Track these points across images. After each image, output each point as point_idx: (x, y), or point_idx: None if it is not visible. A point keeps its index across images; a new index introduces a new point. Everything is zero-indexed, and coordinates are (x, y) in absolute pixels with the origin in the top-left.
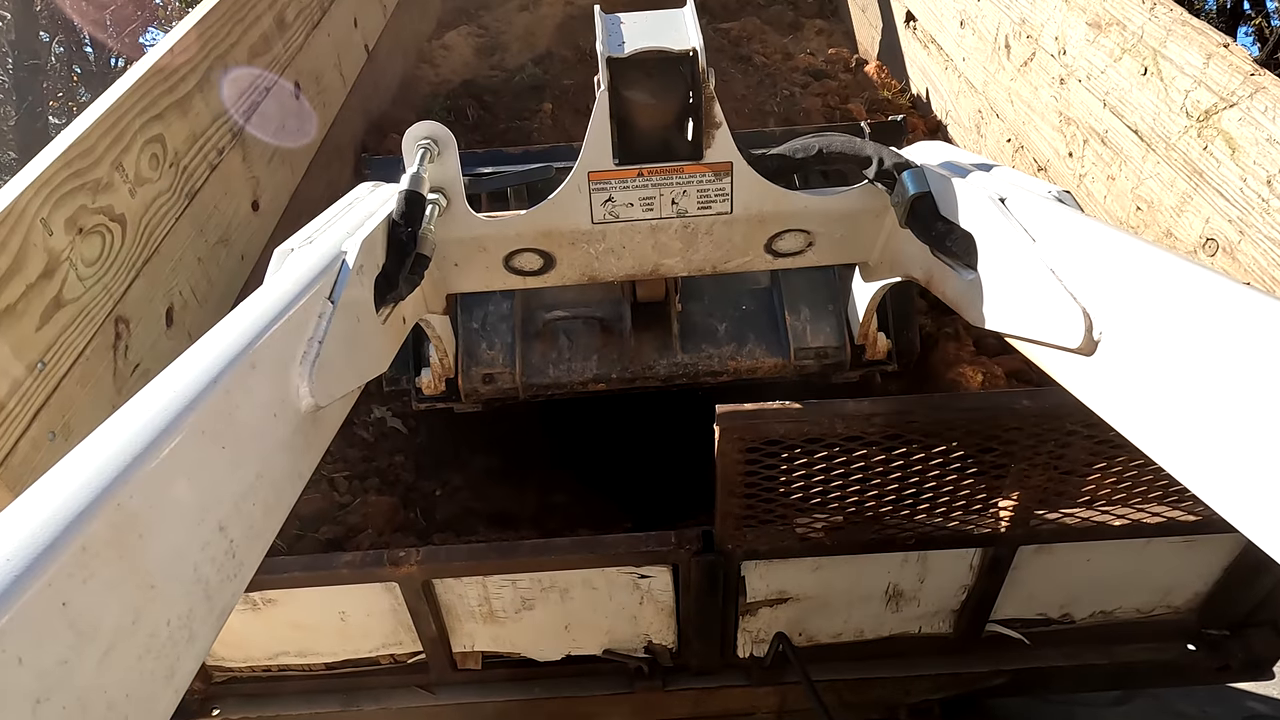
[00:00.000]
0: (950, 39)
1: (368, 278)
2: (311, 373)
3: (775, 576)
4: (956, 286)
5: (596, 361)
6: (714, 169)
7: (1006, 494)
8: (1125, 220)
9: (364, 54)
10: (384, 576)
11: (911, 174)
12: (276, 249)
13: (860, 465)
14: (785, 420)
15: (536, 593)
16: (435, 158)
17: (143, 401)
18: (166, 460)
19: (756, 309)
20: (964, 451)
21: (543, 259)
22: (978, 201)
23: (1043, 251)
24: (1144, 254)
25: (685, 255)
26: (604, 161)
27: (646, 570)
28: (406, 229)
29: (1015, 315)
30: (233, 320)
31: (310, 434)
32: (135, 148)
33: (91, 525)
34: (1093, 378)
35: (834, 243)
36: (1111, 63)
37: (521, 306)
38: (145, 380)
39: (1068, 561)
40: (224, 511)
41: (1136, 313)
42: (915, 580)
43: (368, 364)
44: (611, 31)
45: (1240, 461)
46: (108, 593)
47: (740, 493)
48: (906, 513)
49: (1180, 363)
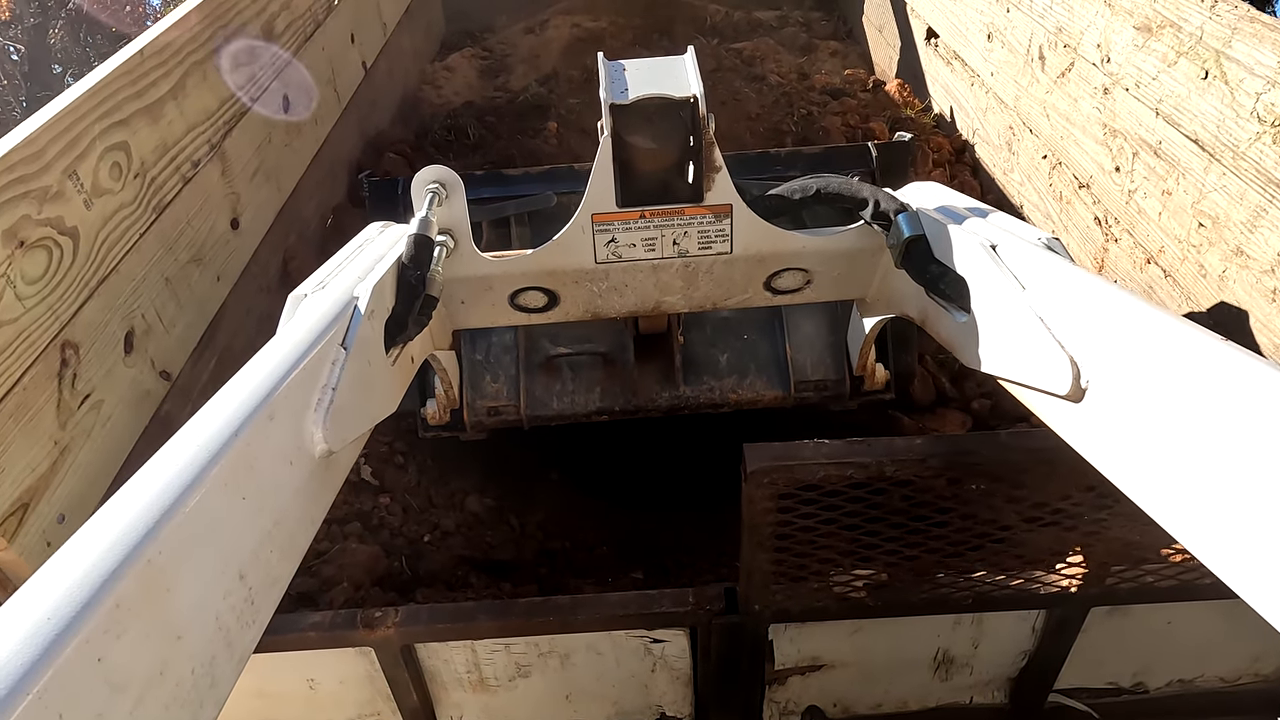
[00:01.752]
0: (976, 54)
1: (378, 321)
2: (325, 419)
3: (808, 640)
4: (950, 328)
5: (599, 394)
6: (714, 210)
7: (1081, 547)
8: (1186, 239)
9: (361, 71)
10: (357, 641)
11: (906, 217)
12: (290, 294)
13: (912, 514)
14: (826, 463)
15: (533, 658)
16: (443, 201)
17: (168, 456)
18: (192, 515)
19: (758, 340)
20: (1034, 498)
21: (547, 297)
22: (969, 247)
23: (1032, 299)
24: (1130, 306)
25: (686, 293)
26: (607, 204)
27: (660, 634)
28: (415, 272)
29: (1006, 359)
30: (250, 371)
31: (324, 478)
32: (93, 155)
33: (124, 582)
34: (1081, 424)
35: (832, 280)
36: (1165, 68)
37: (524, 339)
38: (96, 413)
39: (1145, 624)
40: (244, 560)
41: (1122, 362)
42: (968, 645)
43: (378, 406)
44: (615, 79)
45: (1222, 510)
46: (139, 646)
47: (771, 546)
48: (963, 568)
49: (1163, 413)
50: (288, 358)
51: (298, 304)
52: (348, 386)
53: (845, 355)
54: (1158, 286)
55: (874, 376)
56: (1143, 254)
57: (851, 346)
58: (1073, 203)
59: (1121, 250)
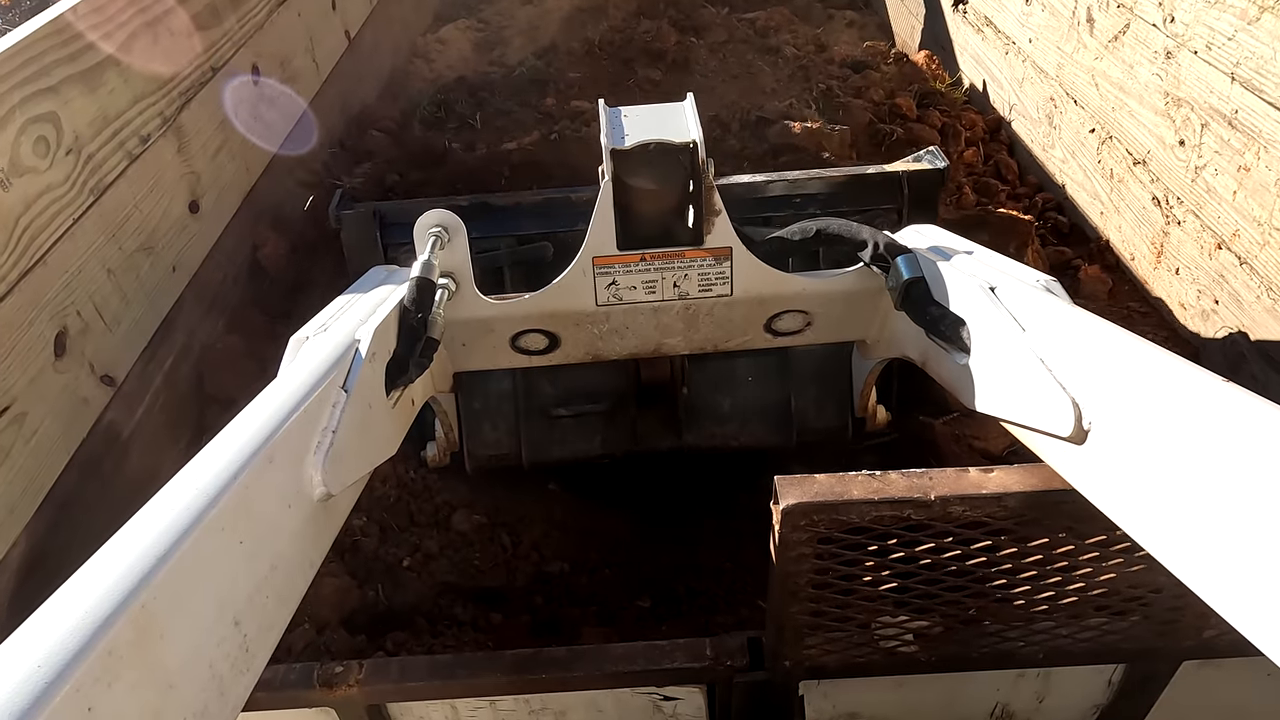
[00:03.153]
0: (1012, 19)
1: (379, 364)
2: (325, 462)
3: (844, 696)
4: (950, 369)
5: (600, 441)
6: (714, 253)
7: (1180, 594)
8: (1267, 221)
9: (344, 40)
10: (314, 701)
11: (905, 260)
12: (292, 337)
13: (978, 559)
14: (879, 501)
15: (523, 715)
16: (445, 244)
17: (166, 500)
18: (188, 560)
19: (762, 386)
20: (1126, 540)
21: (548, 339)
22: (969, 290)
23: (1032, 341)
24: (1131, 347)
25: (687, 335)
26: (608, 247)
27: (671, 691)
28: (417, 315)
29: (1007, 401)
30: (251, 413)
31: (322, 522)
32: (11, 127)
33: (117, 629)
34: (1084, 465)
35: (832, 322)
36: (1244, 26)
37: (523, 386)
38: (17, 427)
39: (1240, 677)
40: (239, 606)
41: (1124, 404)
42: (1032, 700)
43: (378, 449)
44: (614, 125)
45: (1228, 554)
46: (130, 695)
47: (806, 596)
48: (1035, 618)
49: (1167, 454)
50: (289, 400)
51: (299, 346)
52: (348, 429)
53: (849, 400)
54: (1230, 275)
55: (875, 418)
56: (1212, 238)
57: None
58: (1126, 181)
59: (1185, 234)
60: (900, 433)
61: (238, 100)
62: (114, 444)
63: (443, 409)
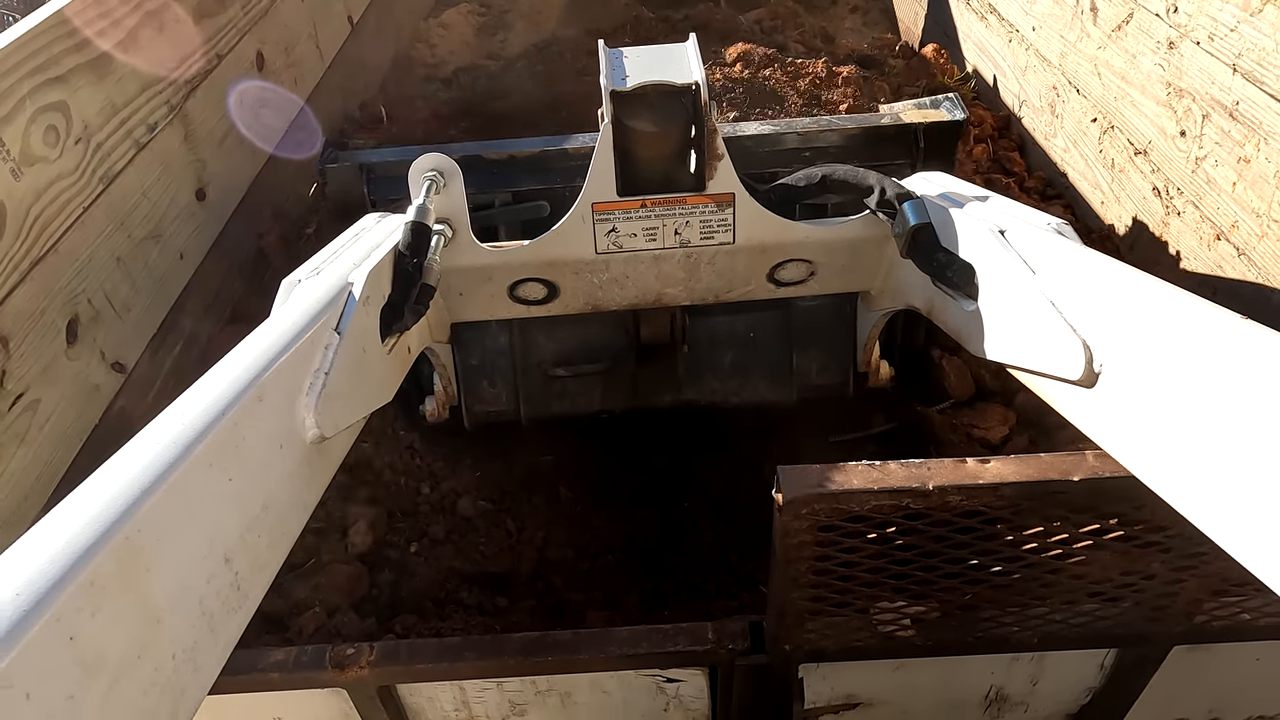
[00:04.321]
0: (1016, 7)
1: (374, 308)
2: (318, 404)
3: (842, 678)
4: (957, 317)
5: (600, 396)
6: (716, 200)
7: (1172, 581)
8: (1266, 213)
9: (347, 26)
10: (326, 682)
11: (912, 205)
12: (284, 280)
13: (974, 547)
14: (878, 491)
15: (530, 696)
16: (441, 189)
17: (151, 434)
18: (174, 493)
19: (764, 340)
20: (1124, 530)
21: (547, 288)
22: (978, 233)
23: (1043, 283)
24: (1144, 286)
25: (688, 284)
26: (608, 193)
27: (674, 673)
28: (412, 260)
29: (1016, 346)
30: (240, 352)
31: (316, 464)
32: (22, 117)
33: (99, 559)
34: (1094, 409)
35: (836, 272)
36: (1247, 17)
37: (520, 341)
38: (31, 414)
39: (1230, 660)
40: (230, 543)
41: (1136, 345)
42: (1025, 683)
43: (373, 394)
44: (615, 66)
45: (1239, 493)
46: (114, 627)
47: (807, 582)
48: (1031, 604)
49: (1180, 395)
50: (279, 340)
51: (291, 289)
52: (341, 372)
53: (852, 356)
54: (1228, 266)
55: (878, 374)
56: (1211, 229)
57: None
58: (1127, 171)
59: (1185, 224)
60: (899, 423)
61: (243, 88)
62: (125, 430)
63: (441, 362)
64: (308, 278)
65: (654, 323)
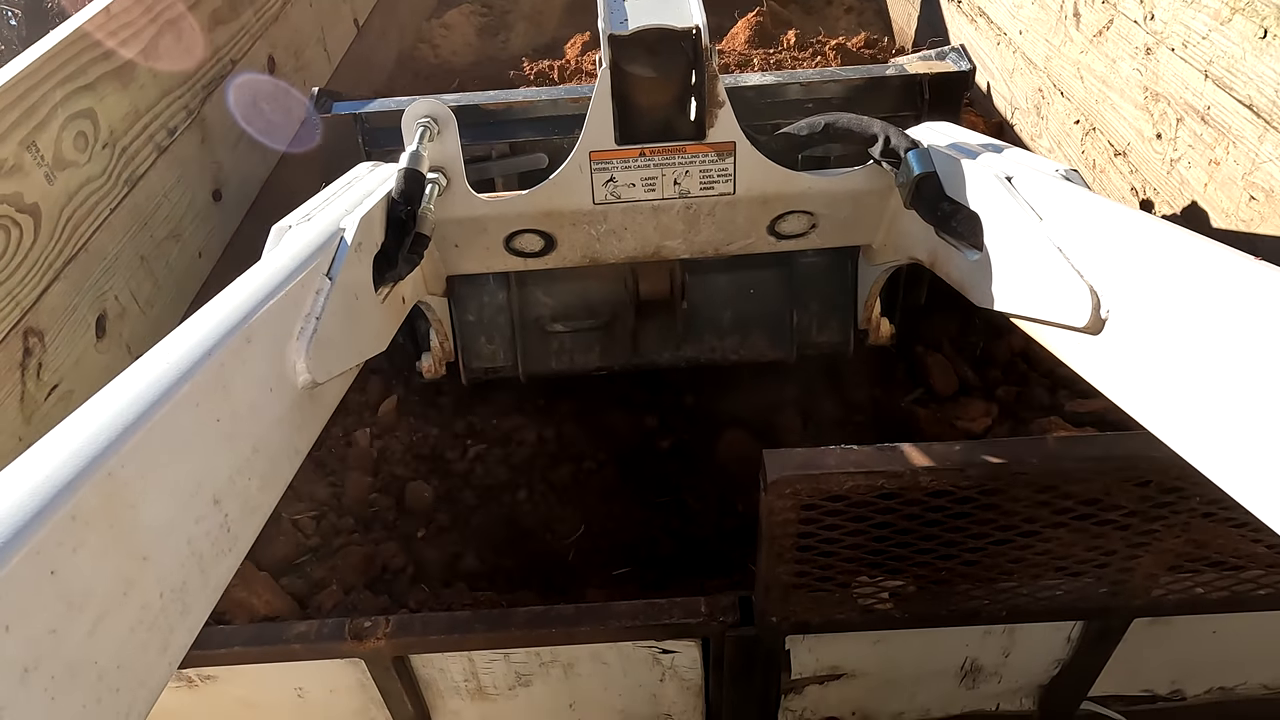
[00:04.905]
0: (1004, 10)
1: (366, 256)
2: (308, 349)
3: (827, 650)
4: (961, 267)
5: (599, 353)
6: (717, 149)
7: (1129, 558)
8: (1234, 212)
9: (353, 29)
10: (345, 652)
11: (917, 154)
12: (274, 226)
13: (945, 525)
14: (855, 472)
15: (535, 667)
16: (435, 136)
17: (135, 373)
18: (159, 431)
19: (764, 296)
20: (1081, 509)
21: (544, 240)
22: (984, 180)
23: (1050, 229)
24: (1153, 231)
25: (687, 237)
26: (605, 141)
27: (669, 645)
28: (405, 208)
29: (1021, 295)
30: (228, 295)
31: (307, 410)
32: (54, 124)
33: (81, 494)
34: (1099, 357)
35: (838, 224)
36: (1217, 26)
37: (518, 297)
38: (65, 404)
39: (1189, 633)
40: (219, 485)
41: (1145, 290)
42: (998, 654)
43: (366, 342)
44: (614, 9)
45: (1248, 440)
46: (98, 562)
47: (791, 558)
48: (999, 579)
49: (1189, 340)
50: (268, 283)
51: (281, 235)
52: (333, 318)
53: (852, 314)
54: None
55: (879, 331)
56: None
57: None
58: (1107, 171)
59: None
60: (886, 419)
61: (256, 91)
62: None
63: (437, 317)
64: (299, 223)
65: (653, 278)
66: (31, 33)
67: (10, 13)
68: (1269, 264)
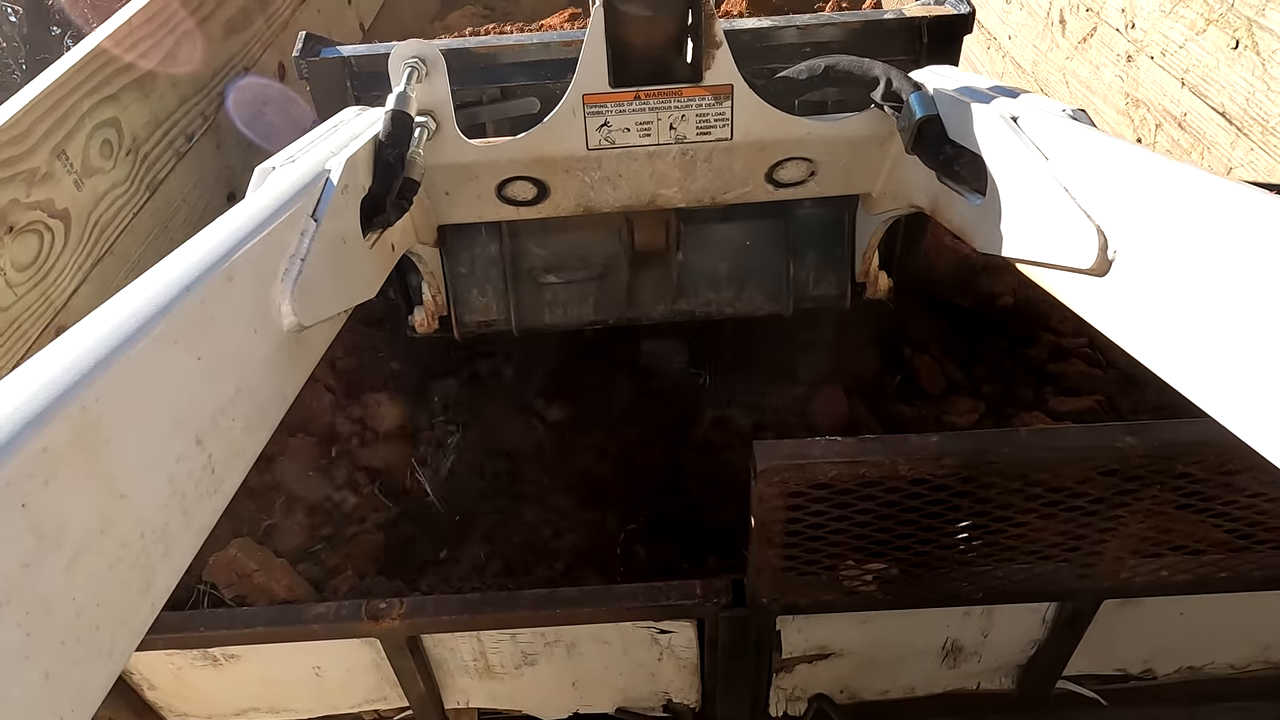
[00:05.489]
0: (994, 15)
1: (353, 199)
2: (293, 290)
3: (815, 631)
4: (963, 213)
5: (593, 306)
6: (714, 92)
7: (1096, 543)
8: None
9: (359, 32)
10: (362, 632)
11: (919, 96)
12: (258, 167)
13: (924, 511)
14: (839, 461)
15: (540, 647)
16: (423, 78)
17: (111, 308)
18: (135, 365)
19: (760, 248)
20: (1050, 495)
21: (537, 188)
22: (988, 122)
23: (1056, 169)
24: (1163, 169)
25: (684, 185)
26: (599, 83)
27: (667, 625)
28: (393, 151)
29: (1025, 238)
30: (209, 233)
31: (294, 354)
32: (82, 133)
33: (52, 426)
34: (1106, 299)
35: (837, 171)
36: (1193, 36)
37: (511, 249)
38: None
39: (1157, 615)
40: (201, 425)
41: (1154, 229)
42: (978, 634)
43: (355, 288)
44: None
45: (1256, 379)
46: (72, 497)
47: (780, 542)
48: (976, 562)
49: (1198, 279)
50: (250, 222)
51: (265, 175)
52: (319, 260)
53: (849, 267)
54: None
55: (876, 284)
56: None
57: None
58: None
59: None
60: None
61: (266, 97)
62: None
63: (429, 270)
64: (283, 164)
65: (648, 228)
66: (32, 30)
67: (10, 9)
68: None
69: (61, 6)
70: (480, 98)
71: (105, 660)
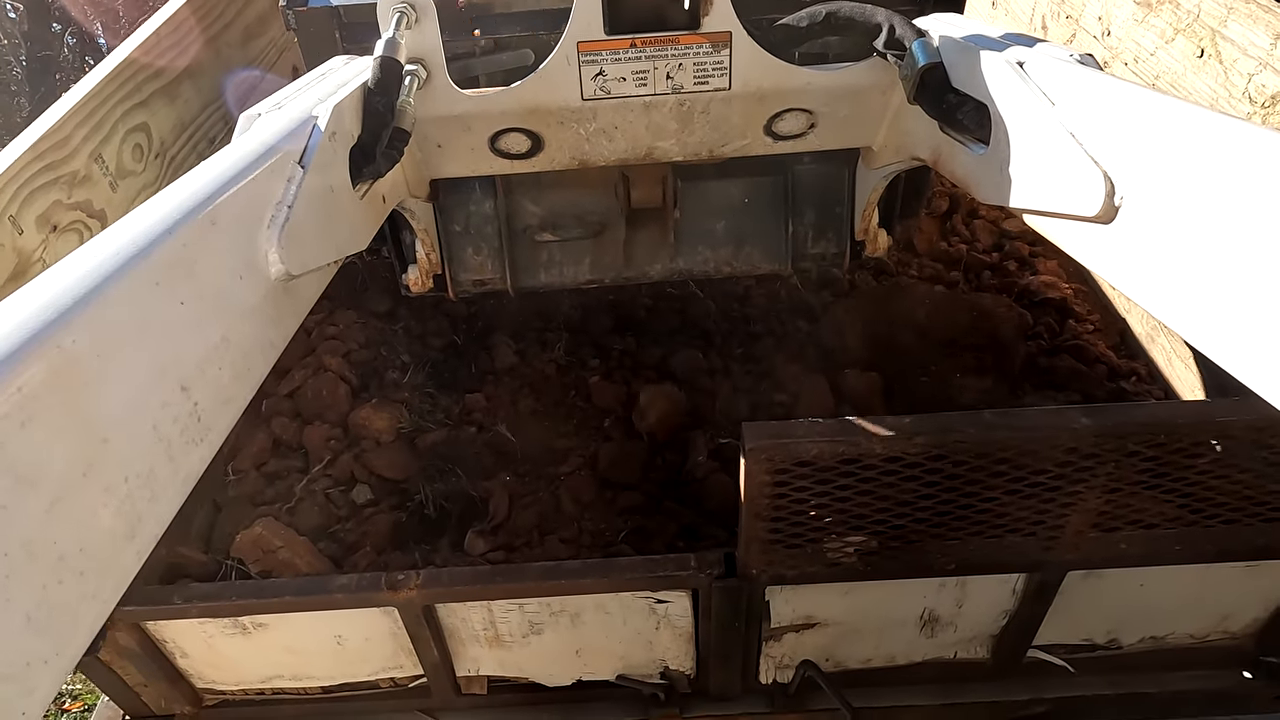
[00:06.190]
0: (979, 18)
1: (341, 148)
2: (280, 238)
3: (802, 601)
4: (967, 164)
5: (589, 265)
6: (711, 39)
7: (1058, 517)
8: None
9: None
10: (381, 601)
11: (922, 44)
12: (243, 114)
13: (899, 487)
14: (818, 441)
15: (545, 617)
16: (413, 24)
17: (88, 249)
18: (113, 306)
19: (759, 206)
20: (1015, 472)
21: (531, 140)
22: (994, 68)
23: (1062, 115)
24: (1172, 111)
25: (680, 137)
26: (594, 31)
27: (664, 595)
28: (382, 99)
29: (1030, 187)
30: (192, 177)
31: (282, 303)
32: (116, 138)
33: (28, 365)
34: (1112, 247)
35: (837, 123)
36: (1163, 44)
37: (506, 206)
38: None
39: (1119, 586)
40: (186, 372)
41: (1161, 174)
42: (953, 605)
43: (344, 239)
44: None
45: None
46: (51, 439)
47: (767, 516)
48: (948, 536)
49: (1206, 223)
50: (235, 167)
51: (251, 122)
52: (307, 208)
53: (848, 226)
54: None
55: (875, 242)
56: None
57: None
58: None
59: None
60: None
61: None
62: None
63: (422, 226)
64: (269, 111)
65: (645, 184)
66: (32, 27)
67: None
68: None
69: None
70: (473, 50)
71: (90, 604)
